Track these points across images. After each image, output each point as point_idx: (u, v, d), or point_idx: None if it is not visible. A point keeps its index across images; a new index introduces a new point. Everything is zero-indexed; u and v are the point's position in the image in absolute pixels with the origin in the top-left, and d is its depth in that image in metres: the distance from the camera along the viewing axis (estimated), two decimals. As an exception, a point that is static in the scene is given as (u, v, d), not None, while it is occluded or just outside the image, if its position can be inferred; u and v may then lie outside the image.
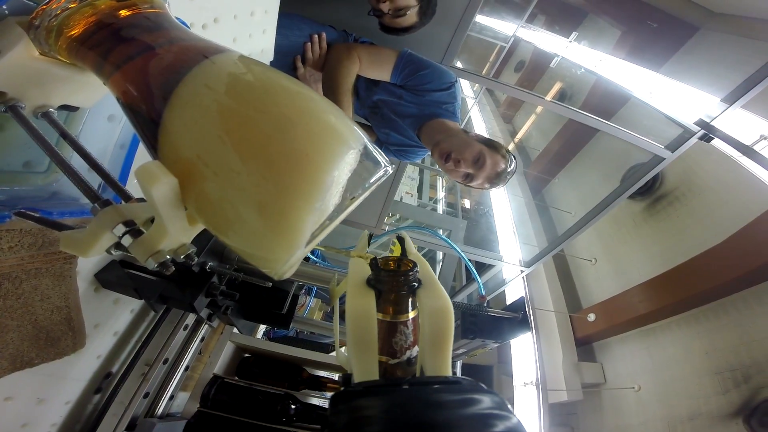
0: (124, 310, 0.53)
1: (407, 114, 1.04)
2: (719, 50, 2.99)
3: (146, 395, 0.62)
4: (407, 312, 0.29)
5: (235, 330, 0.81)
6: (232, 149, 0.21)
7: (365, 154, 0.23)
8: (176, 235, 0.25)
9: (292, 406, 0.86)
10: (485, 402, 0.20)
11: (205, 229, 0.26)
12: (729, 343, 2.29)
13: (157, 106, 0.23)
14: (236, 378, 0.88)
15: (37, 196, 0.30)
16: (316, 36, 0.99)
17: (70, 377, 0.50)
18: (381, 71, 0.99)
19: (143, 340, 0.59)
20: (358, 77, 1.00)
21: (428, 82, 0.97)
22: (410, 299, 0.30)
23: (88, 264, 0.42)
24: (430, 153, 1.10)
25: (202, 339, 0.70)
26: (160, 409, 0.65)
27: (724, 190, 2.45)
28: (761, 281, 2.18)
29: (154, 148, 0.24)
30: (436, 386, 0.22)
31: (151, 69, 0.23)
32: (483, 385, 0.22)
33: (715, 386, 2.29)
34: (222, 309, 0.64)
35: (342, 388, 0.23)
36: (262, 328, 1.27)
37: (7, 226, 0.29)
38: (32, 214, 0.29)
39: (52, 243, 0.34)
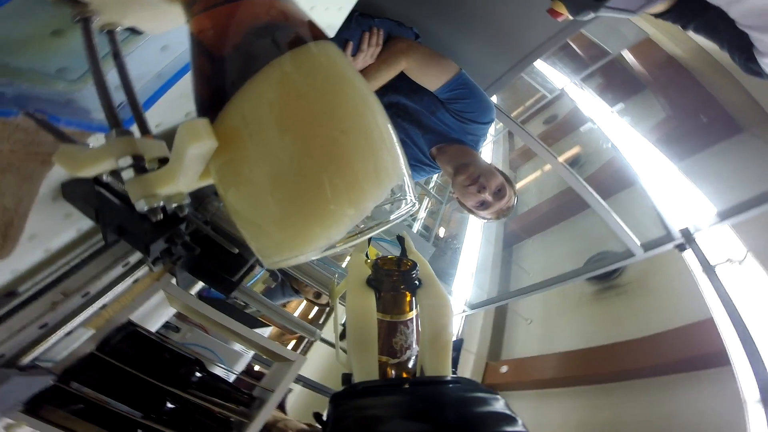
0: (70, 227, 0.49)
1: (433, 130, 1.06)
2: (749, 159, 3.00)
3: (44, 326, 0.56)
4: (407, 312, 0.31)
5: (174, 281, 0.77)
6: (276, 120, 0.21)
7: (399, 188, 0.24)
8: (182, 185, 0.25)
9: (197, 374, 0.83)
10: (497, 402, 0.22)
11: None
12: (602, 421, 2.58)
13: (231, 65, 0.23)
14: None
15: (53, 100, 0.27)
16: (375, 28, 0.97)
17: (-36, 288, 0.44)
18: (430, 81, 0.99)
19: (73, 266, 0.54)
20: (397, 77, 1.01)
21: (472, 111, 1.00)
22: (410, 299, 0.32)
23: (59, 170, 0.38)
24: (442, 172, 1.15)
25: (136, 281, 0.66)
26: (41, 348, 0.59)
27: (668, 296, 2.72)
28: (654, 376, 2.48)
29: (209, 99, 0.24)
30: (449, 385, 0.23)
31: (240, 22, 0.23)
32: (482, 386, 0.23)
33: (571, 455, 2.60)
34: (174, 258, 0.61)
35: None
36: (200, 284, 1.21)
37: (6, 120, 0.26)
38: (39, 116, 0.27)
39: (40, 144, 0.31)
